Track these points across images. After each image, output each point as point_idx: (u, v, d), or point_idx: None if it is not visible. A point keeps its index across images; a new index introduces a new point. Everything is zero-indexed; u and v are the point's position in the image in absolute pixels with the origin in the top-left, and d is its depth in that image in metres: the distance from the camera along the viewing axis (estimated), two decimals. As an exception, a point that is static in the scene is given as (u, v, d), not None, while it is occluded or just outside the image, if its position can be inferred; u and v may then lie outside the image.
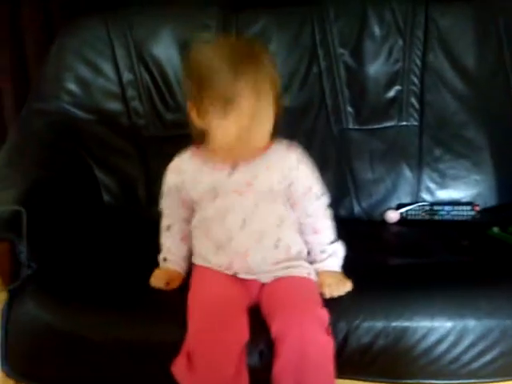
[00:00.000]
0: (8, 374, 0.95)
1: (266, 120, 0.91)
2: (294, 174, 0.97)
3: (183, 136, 1.31)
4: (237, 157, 0.94)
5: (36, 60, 1.47)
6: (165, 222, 1.04)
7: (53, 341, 0.94)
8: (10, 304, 0.95)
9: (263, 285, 0.94)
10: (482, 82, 1.36)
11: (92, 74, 1.37)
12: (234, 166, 0.94)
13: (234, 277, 0.94)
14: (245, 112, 0.88)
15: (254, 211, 0.94)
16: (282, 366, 0.85)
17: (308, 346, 0.83)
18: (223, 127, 0.89)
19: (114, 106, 1.38)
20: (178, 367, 0.85)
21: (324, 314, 0.88)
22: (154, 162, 1.37)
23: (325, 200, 1.00)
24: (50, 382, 0.96)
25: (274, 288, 0.92)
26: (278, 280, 0.93)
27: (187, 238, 1.01)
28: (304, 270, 0.95)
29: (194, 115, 0.94)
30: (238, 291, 0.91)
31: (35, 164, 1.20)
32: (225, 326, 0.85)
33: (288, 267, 0.94)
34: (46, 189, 1.13)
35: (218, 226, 0.94)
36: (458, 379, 0.94)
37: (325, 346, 0.85)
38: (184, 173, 0.98)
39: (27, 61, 1.51)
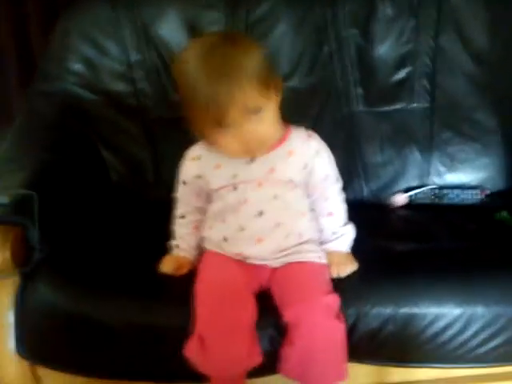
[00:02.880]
0: (23, 356, 0.97)
1: (268, 117, 0.88)
2: (315, 160, 0.97)
3: (191, 117, 1.32)
4: (253, 155, 0.93)
5: (41, 39, 1.45)
6: (179, 211, 1.04)
7: (65, 323, 0.95)
8: (23, 287, 0.96)
9: (273, 270, 0.95)
10: (495, 64, 1.33)
11: (98, 54, 1.35)
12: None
13: (243, 262, 0.94)
14: (239, 122, 0.85)
15: (272, 203, 0.94)
16: (290, 351, 0.87)
17: (318, 332, 0.85)
18: (226, 142, 0.88)
19: (121, 86, 1.36)
20: (191, 350, 0.87)
21: (334, 300, 0.89)
22: (162, 143, 1.37)
23: (340, 184, 1.03)
24: (63, 364, 0.98)
25: (285, 274, 0.93)
26: (288, 266, 0.94)
27: (200, 227, 1.02)
28: (314, 255, 0.96)
29: (195, 129, 0.92)
30: (246, 275, 0.92)
31: (43, 146, 1.19)
32: (234, 307, 0.86)
33: (298, 252, 0.95)
34: (55, 171, 1.13)
35: (234, 215, 0.94)
36: (464, 363, 0.97)
37: (334, 333, 0.87)
38: (203, 160, 0.97)
39: (31, 40, 1.48)
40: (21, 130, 1.28)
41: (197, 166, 0.98)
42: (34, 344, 0.98)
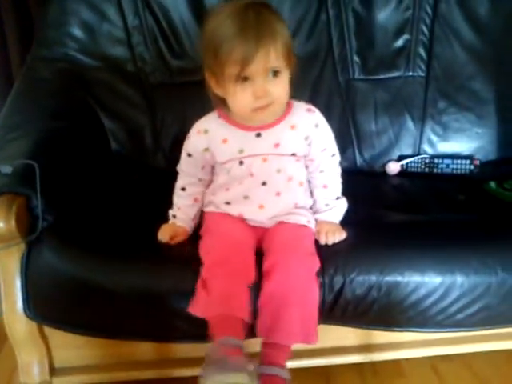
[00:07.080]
0: (30, 318, 1.02)
1: (283, 83, 0.93)
2: (315, 133, 1.01)
3: (189, 83, 1.34)
4: (260, 122, 0.97)
5: (39, 6, 1.43)
6: (180, 182, 1.07)
7: (68, 287, 0.99)
8: (28, 255, 0.99)
9: (266, 229, 1.00)
10: (494, 34, 1.33)
11: (97, 18, 1.35)
12: (260, 129, 0.98)
13: (243, 221, 1.00)
14: (259, 78, 0.90)
15: (275, 176, 0.99)
16: (263, 300, 0.91)
17: (290, 281, 0.89)
18: (241, 97, 0.91)
19: (120, 51, 1.38)
20: (195, 303, 0.90)
21: (314, 261, 0.94)
22: (161, 109, 1.39)
23: (338, 158, 1.06)
24: (66, 324, 1.03)
25: (273, 231, 0.99)
26: (278, 225, 1.00)
27: (199, 200, 1.06)
28: (304, 218, 1.01)
29: (212, 84, 0.95)
30: (246, 232, 0.98)
31: (44, 113, 1.21)
32: (236, 260, 0.91)
33: (290, 214, 1.00)
34: (58, 139, 1.15)
35: (238, 185, 1.00)
36: (443, 328, 1.03)
37: (307, 288, 0.91)
38: (211, 134, 1.00)
39: (31, 8, 1.46)
40: (21, 95, 1.29)
41: (204, 139, 1.01)
42: (40, 306, 1.02)
